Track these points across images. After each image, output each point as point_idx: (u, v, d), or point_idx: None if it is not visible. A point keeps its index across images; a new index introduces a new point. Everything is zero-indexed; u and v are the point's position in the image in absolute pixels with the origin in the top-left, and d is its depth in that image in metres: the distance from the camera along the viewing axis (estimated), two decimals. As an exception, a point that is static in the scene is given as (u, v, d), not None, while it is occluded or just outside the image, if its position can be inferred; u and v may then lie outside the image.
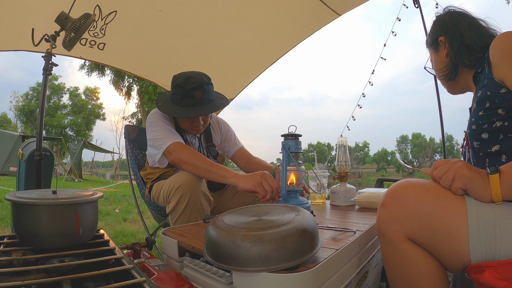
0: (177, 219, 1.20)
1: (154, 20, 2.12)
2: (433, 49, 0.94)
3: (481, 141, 0.74)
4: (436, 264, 0.66)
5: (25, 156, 1.44)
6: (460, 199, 0.63)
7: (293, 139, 1.01)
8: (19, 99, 28.34)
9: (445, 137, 3.07)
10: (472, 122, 0.77)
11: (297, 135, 1.02)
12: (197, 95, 1.32)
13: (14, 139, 8.93)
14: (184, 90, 1.31)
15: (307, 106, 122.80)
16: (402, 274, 0.69)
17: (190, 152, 1.25)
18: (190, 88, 1.31)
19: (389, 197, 0.70)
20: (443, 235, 0.63)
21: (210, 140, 1.56)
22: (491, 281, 0.57)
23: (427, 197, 0.65)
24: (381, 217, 0.71)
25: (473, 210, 0.61)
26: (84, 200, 0.68)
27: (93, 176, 17.14)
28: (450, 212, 0.63)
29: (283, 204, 0.79)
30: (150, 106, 14.33)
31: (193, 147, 1.49)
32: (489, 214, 0.60)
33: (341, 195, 1.32)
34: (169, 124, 1.39)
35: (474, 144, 0.77)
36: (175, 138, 1.30)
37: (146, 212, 3.02)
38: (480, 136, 0.74)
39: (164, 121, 1.39)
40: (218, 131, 1.62)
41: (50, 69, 1.28)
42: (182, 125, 1.44)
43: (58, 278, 0.49)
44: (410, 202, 0.66)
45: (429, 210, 0.64)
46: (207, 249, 0.64)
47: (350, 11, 2.24)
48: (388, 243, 0.70)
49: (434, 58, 0.94)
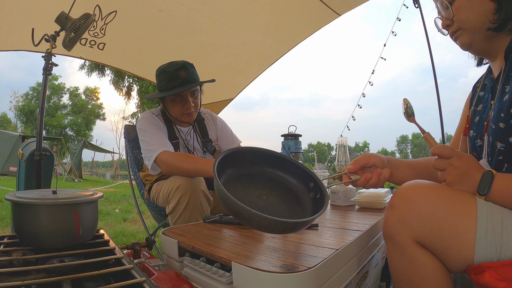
0: (177, 219, 1.19)
1: (154, 20, 2.12)
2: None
3: (507, 145, 0.66)
4: (443, 268, 0.64)
5: (25, 156, 1.44)
6: (472, 203, 0.61)
7: (293, 139, 1.01)
8: (19, 99, 28.36)
9: (445, 137, 3.07)
10: (500, 118, 0.66)
11: (297, 135, 1.02)
12: (182, 75, 1.36)
13: (14, 139, 8.93)
14: (168, 73, 1.36)
15: (307, 106, 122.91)
16: (408, 279, 0.66)
17: (177, 158, 1.25)
18: (174, 70, 1.36)
19: (399, 199, 0.66)
20: (453, 240, 0.61)
21: (206, 136, 1.55)
22: (491, 282, 0.57)
23: (439, 200, 0.62)
24: (389, 219, 0.67)
25: (484, 214, 0.60)
26: (84, 200, 0.68)
27: (93, 176, 17.13)
28: (462, 216, 0.60)
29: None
30: (150, 106, 14.33)
31: (189, 144, 1.48)
32: (497, 217, 0.59)
33: (341, 195, 1.32)
34: (158, 127, 1.38)
35: (497, 144, 0.68)
36: (163, 146, 1.30)
37: (146, 212, 3.02)
38: (508, 139, 0.65)
39: (152, 125, 1.38)
40: (213, 126, 1.61)
41: (50, 69, 1.28)
42: (174, 113, 1.42)
43: (58, 278, 0.49)
44: (421, 205, 0.62)
45: (441, 214, 0.61)
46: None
47: (350, 11, 2.24)
48: (395, 247, 0.67)
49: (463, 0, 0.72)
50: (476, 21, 0.71)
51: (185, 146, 1.48)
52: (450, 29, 0.77)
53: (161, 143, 1.32)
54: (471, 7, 0.71)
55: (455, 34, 0.76)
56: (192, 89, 1.40)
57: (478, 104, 0.81)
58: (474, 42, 0.74)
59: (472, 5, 0.71)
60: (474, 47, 0.76)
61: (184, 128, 1.52)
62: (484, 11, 0.70)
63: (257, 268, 0.56)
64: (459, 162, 0.64)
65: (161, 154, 1.28)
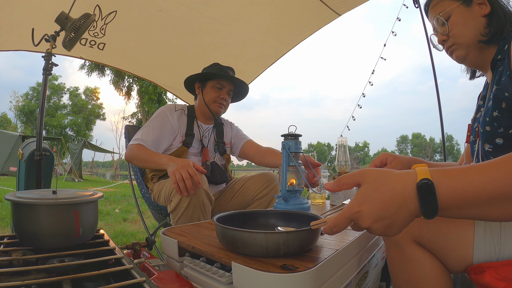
0: (179, 218, 1.20)
1: (154, 20, 2.12)
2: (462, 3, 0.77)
3: (495, 146, 0.68)
4: (442, 267, 0.65)
5: (25, 156, 1.44)
6: None
7: (293, 139, 1.01)
8: (19, 99, 28.40)
9: (445, 137, 3.07)
10: (486, 121, 0.70)
11: (297, 135, 1.02)
12: (230, 72, 1.61)
13: (14, 139, 8.94)
14: (220, 66, 1.62)
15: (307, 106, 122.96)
16: (408, 278, 0.67)
17: (138, 150, 1.39)
18: (224, 66, 1.62)
19: None
20: (451, 240, 0.61)
21: (221, 137, 1.67)
22: (491, 281, 0.57)
23: None
24: None
25: None
26: (84, 200, 0.68)
27: (93, 176, 17.13)
28: None
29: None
30: (150, 106, 14.34)
31: (205, 140, 1.60)
32: None
33: (341, 195, 1.32)
34: (163, 124, 1.49)
35: (486, 147, 0.71)
36: (143, 140, 1.42)
37: (146, 212, 3.02)
38: (494, 141, 0.68)
39: (157, 120, 1.50)
40: (229, 130, 1.76)
41: (50, 69, 1.28)
42: (209, 97, 1.57)
43: (58, 278, 0.49)
44: None
45: None
46: None
47: (350, 11, 2.24)
48: (394, 246, 0.68)
49: (458, 17, 0.77)
50: (470, 36, 0.77)
51: (200, 140, 1.58)
52: (446, 44, 0.82)
53: (147, 137, 1.44)
54: (466, 22, 0.77)
55: (451, 48, 0.82)
56: (231, 87, 1.61)
57: (477, 112, 0.86)
58: (468, 55, 0.80)
59: (467, 20, 0.77)
60: (468, 60, 0.82)
61: (204, 125, 1.64)
62: (477, 25, 0.76)
63: (257, 268, 0.56)
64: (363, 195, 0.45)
65: (134, 145, 1.42)
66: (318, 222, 0.59)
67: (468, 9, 0.77)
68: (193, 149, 1.55)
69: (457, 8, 0.78)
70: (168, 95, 14.65)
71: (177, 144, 1.53)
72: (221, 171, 1.57)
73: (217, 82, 1.56)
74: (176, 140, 1.53)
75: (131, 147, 1.41)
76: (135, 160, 1.41)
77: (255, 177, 1.50)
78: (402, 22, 3.19)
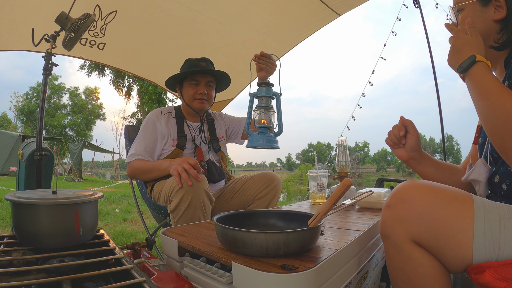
0: (179, 218, 1.20)
1: (154, 20, 2.12)
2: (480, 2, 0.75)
3: None
4: (440, 267, 0.65)
5: (25, 156, 1.44)
6: (468, 203, 0.62)
7: (265, 86, 1.06)
8: (19, 99, 28.38)
9: (445, 137, 3.07)
10: None
11: (269, 84, 1.08)
12: (202, 64, 1.55)
13: (14, 139, 8.93)
14: (191, 61, 1.57)
15: (307, 106, 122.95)
16: (406, 277, 0.67)
17: (138, 164, 1.42)
18: (196, 59, 1.57)
19: (395, 199, 0.67)
20: (449, 239, 0.61)
21: (213, 133, 1.66)
22: (491, 281, 0.57)
23: (435, 201, 0.63)
24: (386, 218, 0.68)
25: (481, 213, 0.60)
26: (84, 200, 0.68)
27: (93, 176, 17.13)
28: (458, 216, 0.61)
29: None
30: (150, 106, 14.33)
31: (197, 139, 1.58)
32: (494, 217, 0.59)
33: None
34: (154, 131, 1.50)
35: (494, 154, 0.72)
36: (139, 154, 1.44)
37: (146, 212, 3.02)
38: None
39: (147, 128, 1.51)
40: (221, 122, 1.74)
41: (50, 69, 1.28)
42: (187, 96, 1.55)
43: (58, 278, 0.49)
44: (418, 205, 0.64)
45: (437, 214, 0.62)
46: None
47: (350, 11, 2.24)
48: (392, 246, 0.68)
49: (470, 13, 0.76)
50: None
51: (193, 140, 1.56)
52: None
53: (142, 148, 1.46)
54: (473, 21, 0.75)
55: None
56: (208, 79, 1.56)
57: None
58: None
59: (475, 20, 0.75)
60: None
61: (194, 124, 1.61)
62: (485, 28, 0.75)
63: (257, 268, 0.56)
64: (462, 37, 0.70)
65: (134, 161, 1.44)
66: (312, 219, 0.59)
67: (482, 9, 0.75)
68: (187, 150, 1.54)
69: (472, 5, 0.76)
70: (168, 95, 14.66)
71: (170, 147, 1.52)
72: (218, 169, 1.57)
73: (191, 79, 1.54)
74: (168, 144, 1.52)
75: (131, 164, 1.44)
76: (138, 175, 1.44)
77: (255, 177, 1.51)
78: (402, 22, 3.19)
